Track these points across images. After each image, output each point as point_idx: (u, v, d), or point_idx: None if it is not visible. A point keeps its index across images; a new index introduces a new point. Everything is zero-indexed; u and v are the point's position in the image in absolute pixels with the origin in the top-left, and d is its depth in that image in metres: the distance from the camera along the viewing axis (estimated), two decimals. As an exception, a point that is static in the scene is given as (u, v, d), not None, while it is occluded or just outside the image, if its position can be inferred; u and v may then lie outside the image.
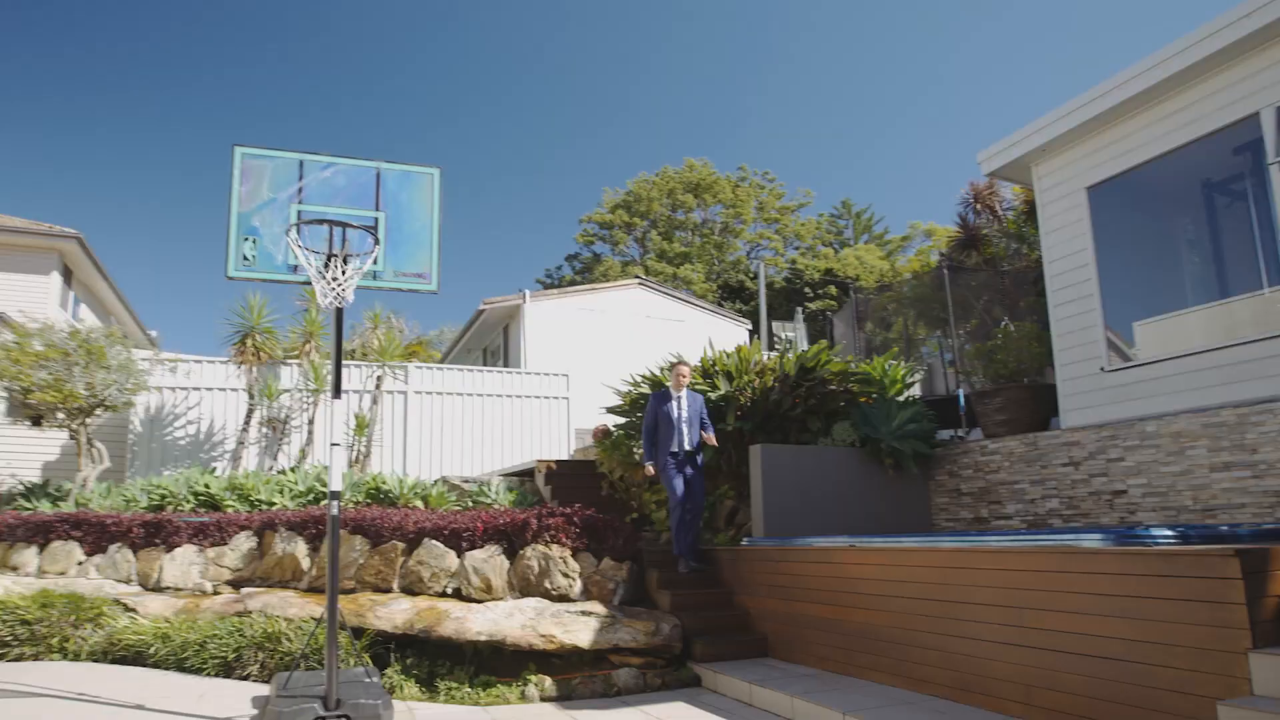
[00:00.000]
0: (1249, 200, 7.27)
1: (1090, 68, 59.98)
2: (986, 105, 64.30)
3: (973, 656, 4.28)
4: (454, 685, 5.05)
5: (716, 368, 9.02)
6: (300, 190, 4.97)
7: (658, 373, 9.27)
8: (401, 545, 6.44)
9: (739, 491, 9.21)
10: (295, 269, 4.88)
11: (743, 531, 8.32)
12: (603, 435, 9.24)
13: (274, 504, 8.06)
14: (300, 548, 6.66)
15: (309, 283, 4.57)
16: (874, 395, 9.07)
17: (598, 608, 5.81)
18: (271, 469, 10.59)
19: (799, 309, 24.44)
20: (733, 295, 32.40)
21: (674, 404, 7.05)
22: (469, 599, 6.03)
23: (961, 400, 10.62)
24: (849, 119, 64.97)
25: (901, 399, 9.21)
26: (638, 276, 16.92)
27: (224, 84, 67.43)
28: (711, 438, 7.14)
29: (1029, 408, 8.74)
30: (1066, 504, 7.73)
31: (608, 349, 15.63)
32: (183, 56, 64.19)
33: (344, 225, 4.46)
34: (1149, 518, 7.04)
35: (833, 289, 30.60)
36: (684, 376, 7.18)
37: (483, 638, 5.30)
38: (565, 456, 11.97)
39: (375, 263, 5.02)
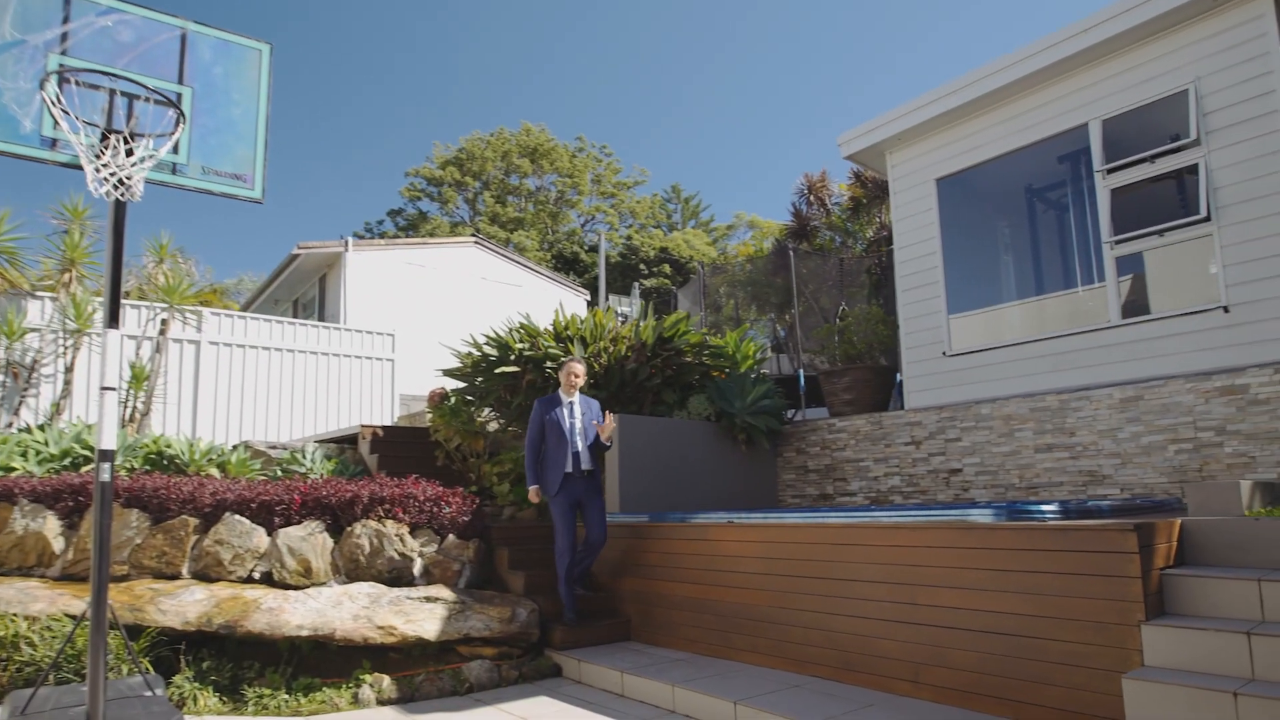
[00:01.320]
0: (1069, 206, 7.83)
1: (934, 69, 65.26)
2: (814, 109, 68.12)
3: (859, 635, 4.09)
4: (266, 692, 4.13)
5: (569, 332, 8.45)
6: (65, 36, 3.66)
7: (503, 333, 8.54)
8: (195, 521, 5.30)
9: (586, 464, 8.74)
10: (54, 144, 3.60)
11: (592, 506, 7.86)
12: (439, 399, 8.38)
13: (12, 469, 6.46)
14: (51, 525, 5.29)
15: (75, 165, 3.42)
16: (726, 370, 8.93)
17: (444, 592, 5.09)
18: (10, 427, 8.64)
19: (636, 284, 24.35)
20: (567, 266, 31.80)
21: (564, 411, 5.68)
22: (284, 585, 5.06)
23: (801, 380, 10.85)
24: (685, 106, 66.19)
25: (753, 376, 9.18)
26: (474, 234, 15.85)
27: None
28: (608, 428, 5.74)
29: (874, 387, 9.00)
30: (907, 481, 8.00)
31: (438, 309, 14.51)
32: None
33: (132, 84, 3.35)
34: (980, 495, 7.41)
35: (667, 267, 30.92)
36: (577, 377, 5.86)
37: (304, 632, 4.41)
38: (390, 423, 10.89)
39: (176, 151, 3.86)
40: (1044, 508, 3.71)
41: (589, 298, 18.83)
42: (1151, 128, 6.90)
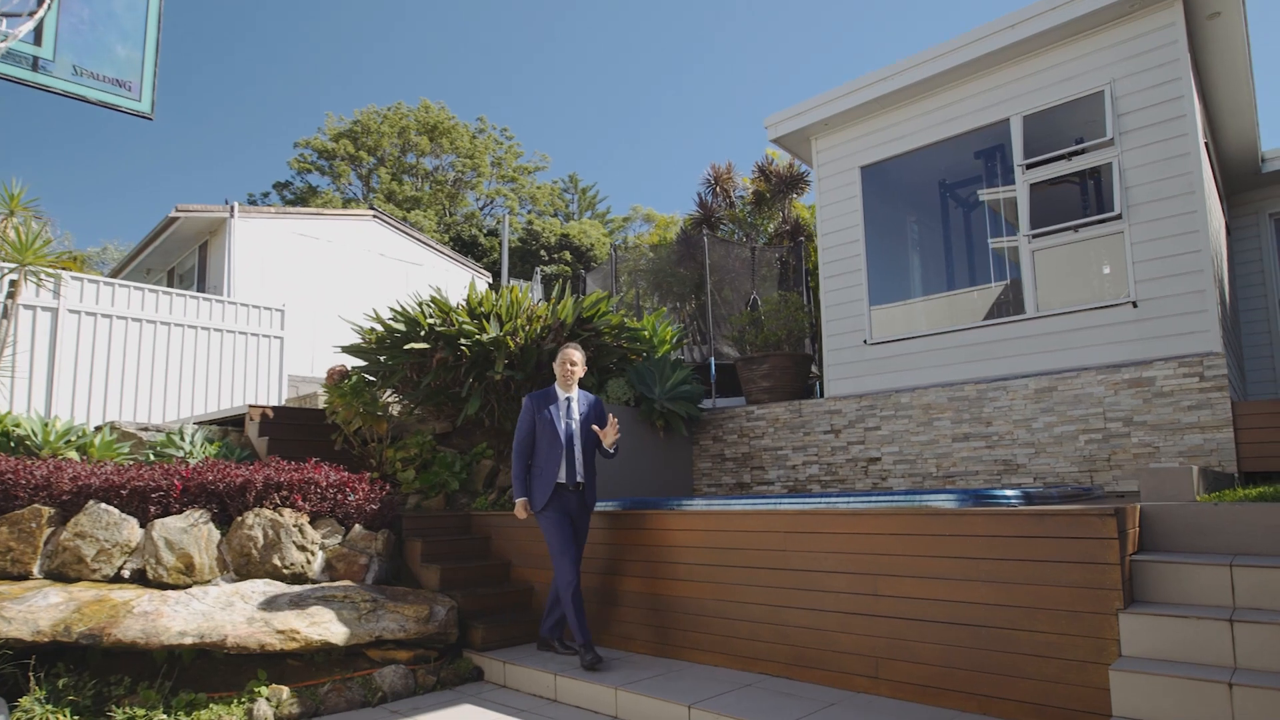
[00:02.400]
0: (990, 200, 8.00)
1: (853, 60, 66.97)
2: (712, 108, 68.90)
3: (815, 629, 3.89)
4: (139, 712, 3.51)
5: (483, 309, 7.94)
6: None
7: (414, 309, 7.92)
8: (49, 511, 4.52)
9: (499, 450, 8.26)
10: None
11: (507, 494, 7.40)
12: (339, 378, 7.67)
13: None
14: None
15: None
16: (643, 354, 8.65)
17: (351, 589, 4.54)
18: None
19: (537, 269, 23.73)
20: (465, 250, 30.73)
21: (559, 409, 4.73)
22: (161, 584, 4.37)
23: (713, 368, 10.72)
24: (585, 96, 65.49)
25: (672, 360, 8.95)
26: (373, 209, 14.85)
27: None
28: (610, 433, 4.71)
29: (793, 375, 8.95)
30: (826, 470, 7.98)
31: (331, 286, 13.52)
32: None
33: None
34: (899, 483, 7.46)
35: (568, 254, 30.40)
36: (574, 365, 4.86)
37: (188, 640, 3.79)
38: (279, 403, 9.99)
39: (38, 41, 3.13)
40: (1006, 493, 3.61)
41: (491, 280, 18.14)
42: (1070, 126, 7.09)
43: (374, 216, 14.78)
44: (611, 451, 4.72)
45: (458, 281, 16.04)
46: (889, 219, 8.49)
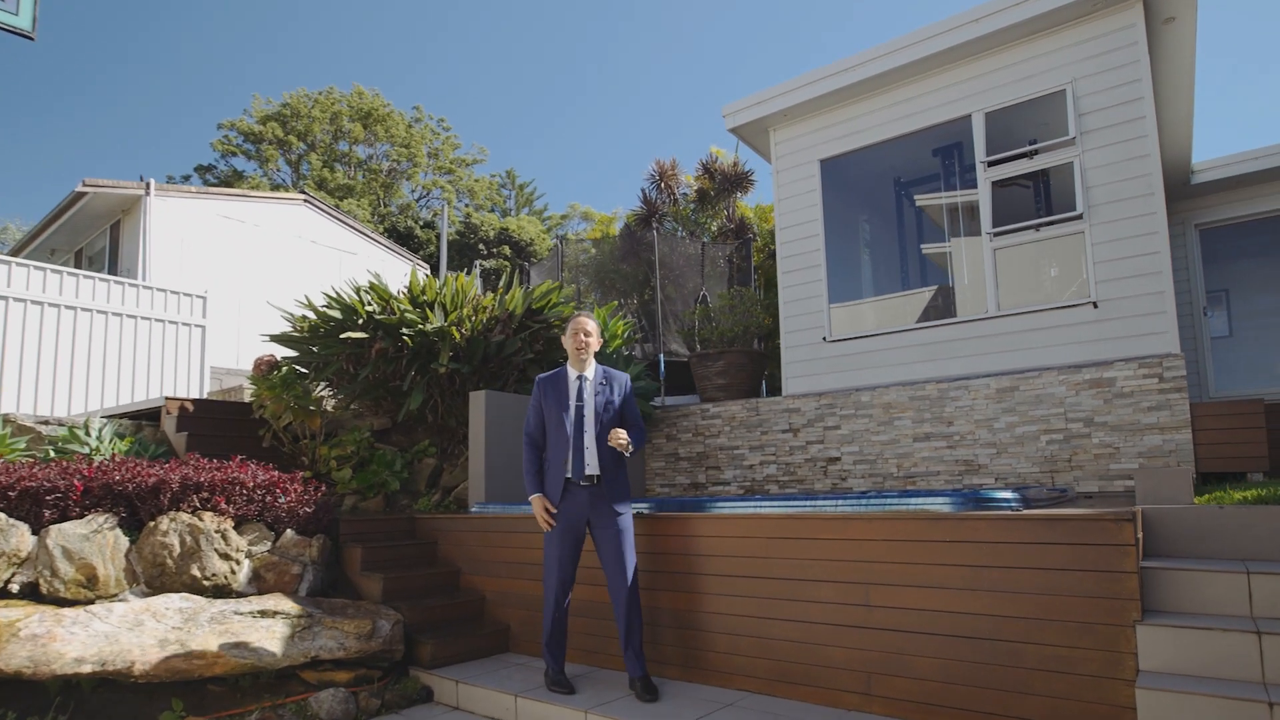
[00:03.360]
0: (955, 194, 7.92)
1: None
2: (653, 113, 68.84)
3: (800, 643, 3.62)
4: (26, 754, 2.98)
5: (426, 297, 7.45)
6: None
7: (351, 295, 7.37)
8: (-79, 517, 3.88)
9: (442, 448, 7.78)
10: None
11: (452, 496, 6.94)
12: (268, 368, 7.06)
13: None
14: None
15: None
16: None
17: (282, 603, 4.05)
18: None
19: (476, 263, 23.04)
20: (401, 241, 29.72)
21: (569, 390, 4.01)
22: (57, 600, 3.80)
23: (662, 365, 10.44)
24: (524, 91, 64.57)
25: (625, 355, 8.61)
26: (304, 193, 14.03)
27: None
28: (624, 440, 3.90)
29: (749, 373, 8.73)
30: (784, 470, 7.77)
31: (259, 273, 12.69)
32: None
33: None
34: (859, 484, 7.31)
35: (507, 249, 29.72)
36: (587, 336, 4.09)
37: (87, 667, 3.25)
38: (200, 396, 9.24)
39: None
40: (1004, 495, 3.41)
41: (429, 273, 17.45)
42: (1031, 125, 7.07)
43: (305, 201, 13.98)
44: (628, 452, 3.95)
45: (395, 272, 15.34)
46: (850, 215, 8.35)
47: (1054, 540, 3.04)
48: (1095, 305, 6.41)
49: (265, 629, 3.75)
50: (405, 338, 6.85)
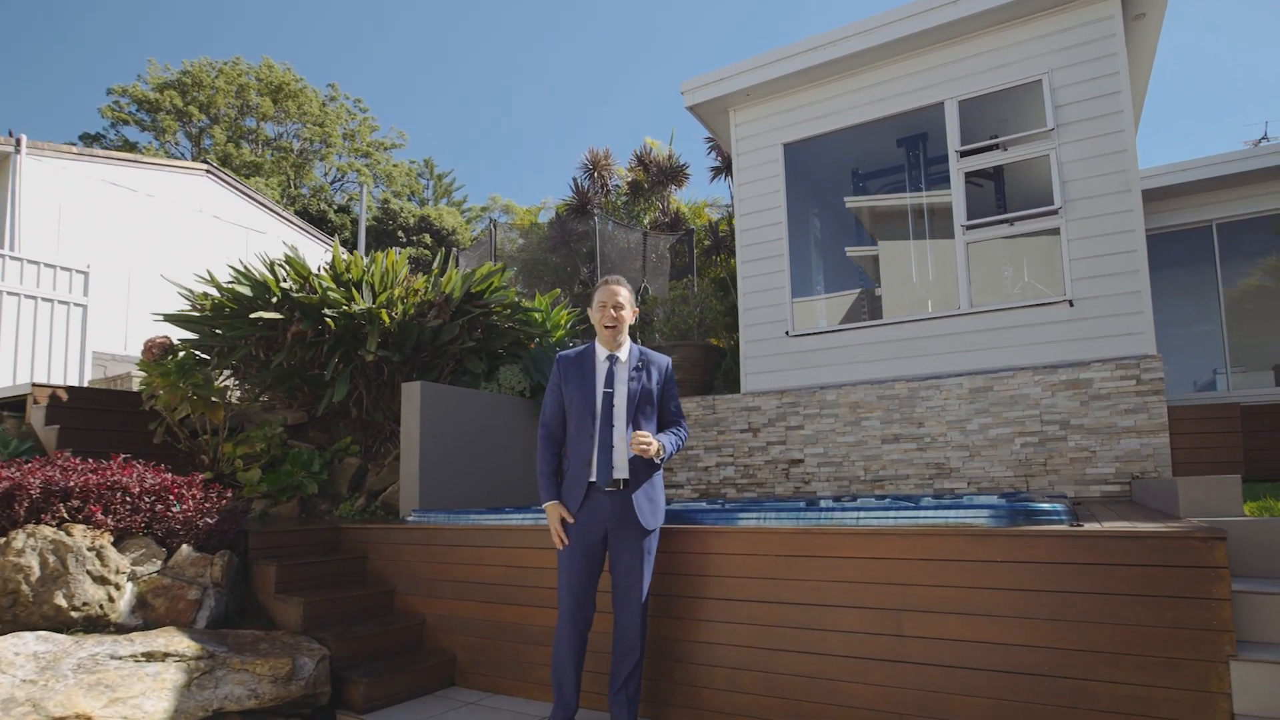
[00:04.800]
0: (921, 186, 7.61)
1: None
2: (577, 108, 67.94)
3: (817, 679, 3.08)
4: None
5: (352, 275, 6.62)
6: None
7: (263, 271, 6.45)
8: None
9: (367, 446, 6.94)
10: None
11: (380, 500, 6.13)
12: (161, 352, 6.08)
13: None
14: None
15: None
16: (536, 340, 7.63)
17: (176, 640, 3.23)
18: None
19: (396, 251, 21.85)
20: (313, 225, 28.00)
21: (598, 373, 3.25)
22: None
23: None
24: (445, 79, 62.58)
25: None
26: (207, 163, 12.71)
27: None
28: (649, 443, 3.08)
29: (704, 368, 8.22)
30: (742, 472, 7.29)
31: (154, 249, 11.37)
32: None
33: None
34: (823, 488, 6.90)
35: (428, 238, 28.45)
36: (622, 311, 3.27)
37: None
38: (79, 383, 8.06)
39: None
40: (1051, 506, 2.96)
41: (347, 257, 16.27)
42: (1007, 114, 6.81)
43: (208, 172, 12.67)
44: (659, 460, 3.18)
45: (309, 255, 14.15)
46: (811, 202, 7.95)
47: (1128, 561, 2.60)
48: (1071, 304, 6.18)
49: (153, 677, 2.94)
50: (328, 319, 6.02)
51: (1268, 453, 6.74)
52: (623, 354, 3.29)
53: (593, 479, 3.11)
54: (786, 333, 7.29)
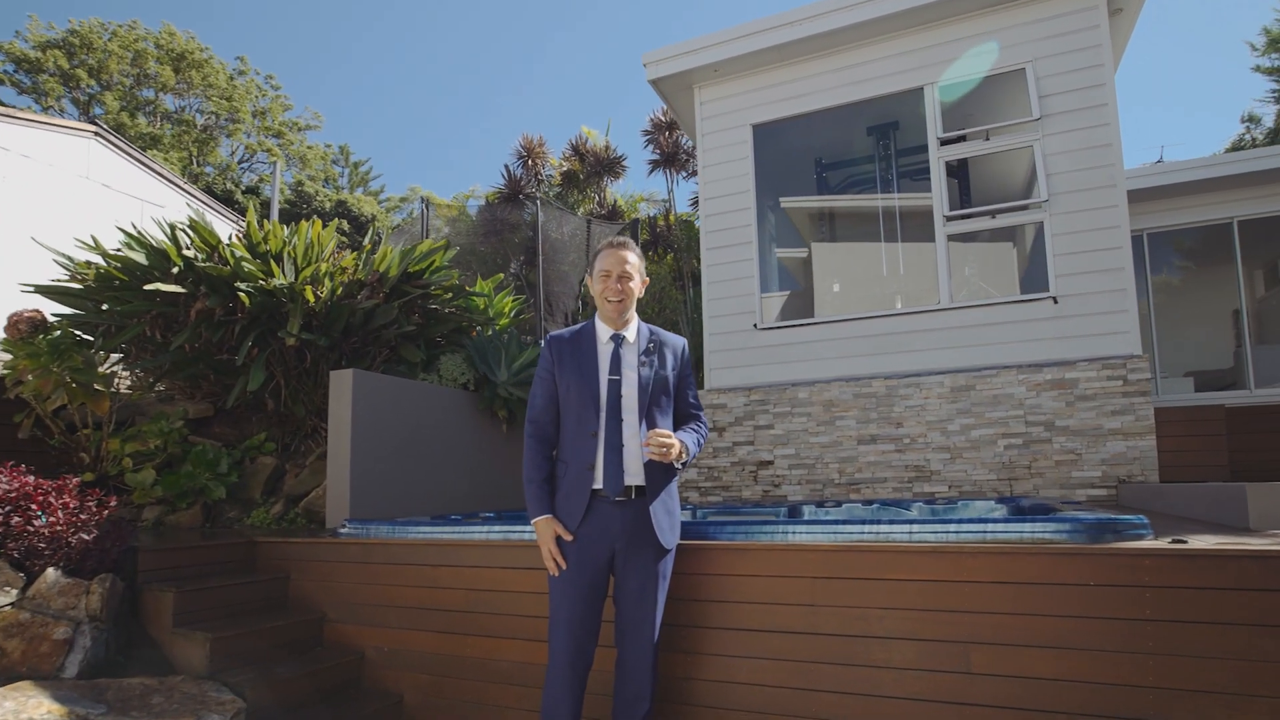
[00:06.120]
0: (901, 175, 7.25)
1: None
2: (502, 100, 66.38)
3: (865, 728, 2.54)
4: None
5: (270, 246, 5.75)
6: None
7: (162, 238, 5.50)
8: None
9: (284, 444, 6.07)
10: None
11: (301, 507, 5.29)
12: (30, 329, 5.07)
13: None
14: None
15: None
16: (477, 329, 6.91)
17: (34, 701, 2.42)
18: None
19: (322, 223, 20.39)
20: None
21: (603, 356, 2.61)
22: None
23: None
24: (364, 65, 60.06)
25: (522, 338, 7.25)
26: (98, 126, 11.31)
27: None
28: (670, 444, 2.45)
29: (662, 362, 7.66)
30: (706, 475, 6.75)
31: (28, 216, 9.98)
32: None
33: None
34: (794, 491, 6.43)
35: (345, 224, 26.88)
36: (629, 281, 2.61)
37: None
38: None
39: None
40: (1133, 519, 2.52)
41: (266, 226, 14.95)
42: (990, 103, 6.52)
43: (96, 135, 11.28)
44: (679, 465, 2.57)
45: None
46: (781, 187, 7.49)
47: (1245, 586, 2.18)
48: (1055, 300, 5.91)
49: (-5, 756, 2.14)
50: (241, 295, 5.14)
51: (1246, 455, 6.65)
52: (630, 333, 2.66)
53: (597, 487, 2.48)
54: (755, 325, 6.81)
